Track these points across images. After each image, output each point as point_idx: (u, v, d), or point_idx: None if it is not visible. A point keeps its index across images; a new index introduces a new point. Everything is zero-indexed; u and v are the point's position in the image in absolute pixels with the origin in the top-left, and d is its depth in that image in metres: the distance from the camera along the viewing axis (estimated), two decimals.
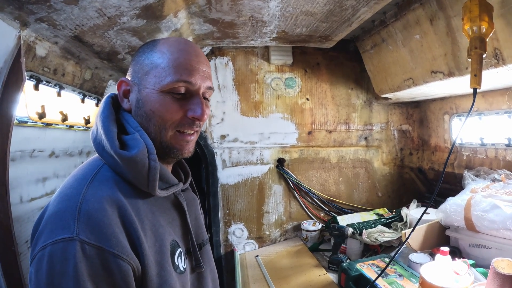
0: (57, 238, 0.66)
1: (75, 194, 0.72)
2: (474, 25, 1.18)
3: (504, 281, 1.06)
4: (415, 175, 2.87)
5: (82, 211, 0.68)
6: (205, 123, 2.66)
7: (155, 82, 0.81)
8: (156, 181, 0.78)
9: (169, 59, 0.82)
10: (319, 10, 1.78)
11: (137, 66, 0.86)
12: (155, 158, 0.78)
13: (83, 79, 1.69)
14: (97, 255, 0.66)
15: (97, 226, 0.68)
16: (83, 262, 0.65)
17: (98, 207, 0.70)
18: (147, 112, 0.82)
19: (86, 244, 0.66)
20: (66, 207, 0.70)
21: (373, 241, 2.13)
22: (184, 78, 0.81)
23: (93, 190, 0.73)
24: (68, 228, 0.67)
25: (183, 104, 0.83)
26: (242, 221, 2.77)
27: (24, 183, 1.45)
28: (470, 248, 1.72)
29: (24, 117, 1.35)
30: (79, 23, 1.28)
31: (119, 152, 0.76)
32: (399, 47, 2.00)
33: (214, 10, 1.74)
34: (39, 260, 0.66)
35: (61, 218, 0.69)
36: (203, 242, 0.97)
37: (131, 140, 0.79)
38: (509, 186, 1.69)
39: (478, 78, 1.18)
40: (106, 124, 0.81)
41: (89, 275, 0.65)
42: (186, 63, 0.82)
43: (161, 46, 0.84)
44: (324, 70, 2.76)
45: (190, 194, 1.00)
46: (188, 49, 0.84)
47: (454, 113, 2.35)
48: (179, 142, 0.84)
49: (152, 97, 0.82)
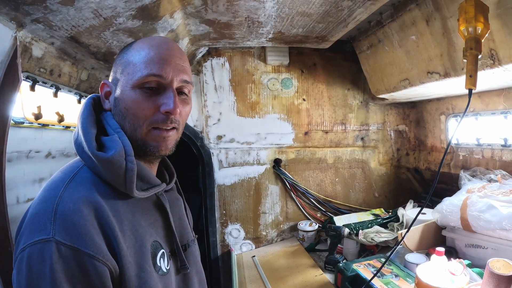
0: (34, 239, 0.67)
1: (52, 196, 0.72)
2: (469, 26, 1.19)
3: (500, 282, 1.07)
4: (412, 176, 2.88)
5: (58, 212, 0.69)
6: (202, 124, 2.67)
7: (127, 79, 0.82)
8: (133, 182, 0.78)
9: (140, 55, 0.82)
10: (315, 11, 1.78)
11: (115, 67, 0.87)
12: (132, 160, 0.78)
13: (80, 79, 1.69)
14: (72, 255, 0.66)
15: (73, 227, 0.68)
16: (59, 263, 0.65)
17: (74, 208, 0.70)
18: (122, 110, 0.83)
19: (62, 245, 0.66)
20: (43, 209, 0.70)
21: (369, 241, 2.14)
22: (154, 72, 0.80)
23: (69, 191, 0.73)
24: (44, 229, 0.67)
25: (155, 99, 0.81)
26: (239, 221, 2.77)
27: (21, 184, 1.44)
28: (466, 248, 1.72)
29: (20, 118, 1.35)
30: (75, 24, 1.28)
31: (96, 153, 0.77)
32: (395, 47, 2.01)
33: (210, 10, 1.74)
34: (19, 262, 0.67)
35: (38, 220, 0.69)
36: (188, 243, 0.96)
37: (109, 141, 0.79)
38: (505, 187, 1.70)
39: (473, 79, 1.18)
40: (85, 125, 0.81)
41: (66, 275, 0.65)
42: (157, 57, 0.81)
43: (135, 45, 0.85)
44: (320, 70, 2.77)
45: (174, 194, 1.00)
46: (161, 44, 0.84)
47: (451, 114, 2.36)
48: (155, 139, 0.83)
49: (125, 95, 0.82)
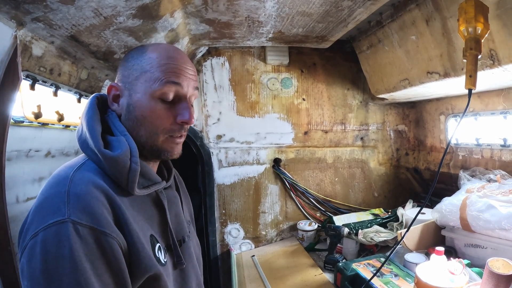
0: (48, 222, 0.67)
1: (62, 180, 0.74)
2: (469, 26, 1.19)
3: (499, 281, 1.07)
4: (411, 175, 2.89)
5: (71, 193, 0.70)
6: (201, 123, 2.67)
7: (145, 87, 0.85)
8: (135, 182, 0.81)
9: (159, 64, 0.85)
10: (315, 11, 1.78)
11: (127, 71, 0.88)
12: (137, 161, 0.81)
13: (79, 78, 1.68)
14: (90, 234, 0.68)
15: (88, 206, 0.70)
16: (78, 243, 0.66)
17: (86, 189, 0.72)
18: (138, 117, 0.86)
19: (78, 224, 0.67)
20: (54, 193, 0.72)
21: (369, 241, 2.14)
22: (174, 80, 0.85)
23: (79, 175, 0.75)
24: (59, 211, 0.68)
25: (171, 109, 0.87)
26: (238, 221, 2.77)
27: (20, 183, 1.44)
28: (466, 248, 1.73)
29: (20, 117, 1.34)
30: (75, 23, 1.28)
31: (103, 151, 0.79)
32: (395, 47, 2.01)
33: (211, 10, 1.74)
34: (31, 248, 0.67)
35: (50, 204, 0.70)
36: (183, 238, 0.99)
37: (116, 141, 0.82)
38: (504, 186, 1.70)
39: (473, 79, 1.18)
40: (90, 124, 0.83)
41: (85, 254, 0.66)
42: (175, 67, 0.86)
43: (150, 52, 0.88)
44: (320, 70, 2.77)
45: (172, 192, 1.02)
46: (176, 55, 0.88)
47: (450, 114, 2.36)
48: (169, 145, 0.89)
49: (143, 103, 0.85)
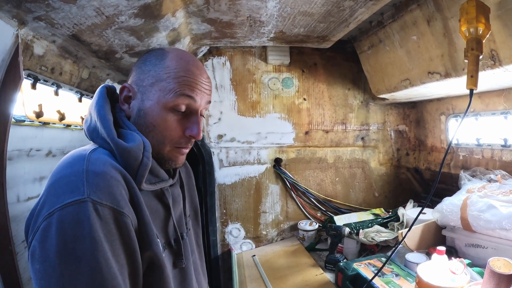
0: (65, 202, 0.64)
1: (78, 160, 0.72)
2: (471, 26, 1.19)
3: (500, 281, 1.07)
4: (412, 175, 2.89)
5: (89, 172, 0.69)
6: (202, 123, 2.66)
7: (159, 96, 0.84)
8: (143, 176, 0.80)
9: (175, 75, 0.84)
10: (317, 11, 1.78)
11: (142, 75, 0.87)
12: (149, 156, 0.81)
13: (81, 78, 1.69)
14: (110, 215, 0.67)
15: (107, 186, 0.69)
16: (98, 223, 0.64)
17: (105, 169, 0.71)
18: (148, 124, 0.85)
19: (99, 204, 0.66)
20: (71, 172, 0.70)
21: (369, 241, 2.14)
22: (188, 94, 0.85)
23: (96, 155, 0.74)
24: (77, 190, 0.66)
25: (182, 122, 0.87)
26: (239, 220, 2.77)
27: (21, 182, 1.44)
28: (466, 248, 1.73)
29: (21, 116, 1.35)
30: (77, 22, 1.28)
31: (116, 141, 0.78)
32: (396, 47, 2.01)
33: (212, 10, 1.74)
34: (45, 229, 0.64)
35: (67, 183, 0.68)
36: (182, 235, 0.98)
37: (129, 134, 0.82)
38: (505, 187, 1.70)
39: (474, 79, 1.18)
40: (102, 113, 0.82)
41: (105, 235, 0.65)
42: (191, 81, 0.85)
43: (168, 61, 0.86)
44: (321, 70, 2.77)
45: (177, 189, 1.01)
46: (194, 69, 0.87)
47: (451, 114, 2.36)
48: (174, 155, 0.90)
49: (155, 111, 0.85)
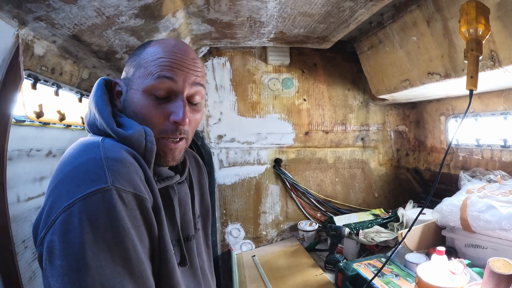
0: (88, 191, 0.62)
1: (92, 147, 0.69)
2: (470, 27, 1.19)
3: (500, 281, 1.07)
4: (412, 176, 2.89)
5: (109, 159, 0.66)
6: (203, 123, 2.67)
7: (139, 82, 0.81)
8: (151, 163, 0.77)
9: (152, 58, 0.81)
10: (317, 11, 1.79)
11: (127, 67, 0.86)
12: (152, 140, 0.77)
13: (81, 78, 1.69)
14: (134, 202, 0.66)
15: (128, 173, 0.67)
16: (124, 211, 0.63)
17: (122, 156, 0.68)
18: (131, 113, 0.82)
19: (123, 192, 0.64)
20: (88, 159, 0.67)
21: (369, 241, 2.14)
22: (165, 74, 0.79)
23: (109, 141, 0.72)
24: (99, 178, 0.63)
25: (165, 107, 0.81)
26: (239, 221, 2.78)
27: (21, 183, 1.44)
28: (466, 248, 1.73)
29: (21, 116, 1.35)
30: (77, 22, 1.28)
31: (116, 130, 0.75)
32: (396, 48, 2.01)
33: (213, 10, 1.75)
34: (65, 221, 0.60)
35: (86, 171, 0.65)
36: (188, 237, 0.95)
37: (128, 122, 0.78)
38: (504, 187, 1.70)
39: (474, 79, 1.19)
40: (100, 104, 0.81)
41: (131, 221, 0.64)
42: (170, 61, 0.80)
43: (149, 47, 0.84)
44: (321, 71, 2.77)
45: (184, 188, 0.96)
46: (174, 49, 0.82)
47: (450, 114, 2.37)
48: (161, 149, 0.82)
49: (136, 98, 0.81)
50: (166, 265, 0.74)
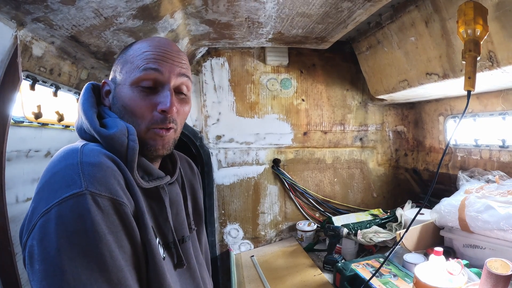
0: (63, 196, 0.62)
1: (70, 153, 0.70)
2: (468, 28, 1.20)
3: (498, 281, 1.07)
4: (410, 176, 2.89)
5: (84, 164, 0.67)
6: (201, 124, 2.67)
7: (126, 77, 0.83)
8: (134, 162, 0.77)
9: (137, 53, 0.83)
10: (315, 12, 1.79)
11: (115, 66, 0.89)
12: (135, 139, 0.78)
13: (79, 79, 1.69)
14: (110, 206, 0.65)
15: (104, 177, 0.67)
16: (99, 215, 0.63)
17: (99, 160, 0.69)
18: (120, 108, 0.84)
19: (98, 196, 0.64)
20: (65, 165, 0.68)
21: (368, 241, 2.14)
22: (151, 66, 0.81)
23: (88, 148, 0.73)
24: (74, 183, 0.64)
25: (152, 98, 0.82)
26: (238, 221, 2.78)
27: (20, 183, 1.44)
28: (464, 249, 1.73)
29: (20, 117, 1.35)
30: (75, 23, 1.28)
31: (99, 129, 0.77)
32: (395, 49, 2.01)
33: (211, 11, 1.75)
34: (43, 226, 0.61)
35: (62, 176, 0.66)
36: (183, 238, 0.94)
37: (111, 121, 0.80)
38: (503, 187, 1.71)
39: (472, 80, 1.19)
40: (85, 106, 0.82)
41: (108, 227, 0.64)
42: (154, 54, 0.82)
43: (135, 44, 0.87)
44: (319, 71, 2.77)
45: (175, 188, 0.96)
46: (158, 43, 0.85)
47: (449, 115, 2.37)
48: (152, 137, 0.83)
49: (123, 92, 0.83)
50: (155, 270, 0.74)
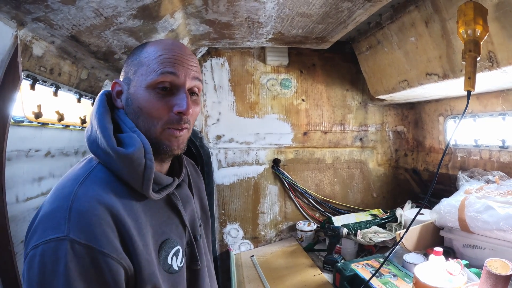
0: (48, 237, 0.67)
1: (66, 194, 0.72)
2: (468, 28, 1.20)
3: (497, 281, 1.08)
4: (410, 176, 2.89)
5: (73, 210, 0.69)
6: (201, 124, 2.67)
7: (142, 79, 0.84)
8: (150, 180, 0.79)
9: (153, 56, 0.84)
10: (315, 12, 1.79)
11: (128, 67, 0.89)
12: (151, 158, 0.80)
13: (79, 78, 1.69)
14: (87, 254, 0.67)
15: (88, 225, 0.68)
16: (73, 261, 0.65)
17: (89, 207, 0.70)
18: (135, 109, 0.85)
19: (76, 243, 0.66)
20: (57, 207, 0.71)
21: (367, 242, 2.14)
22: (168, 70, 0.82)
23: (84, 189, 0.74)
24: (59, 228, 0.67)
25: (169, 100, 0.84)
26: (238, 221, 2.78)
27: (20, 183, 1.44)
28: (464, 249, 1.73)
29: (20, 117, 1.35)
30: (76, 23, 1.28)
31: (116, 149, 0.77)
32: (395, 49, 2.01)
33: (211, 11, 1.75)
34: (31, 258, 0.67)
35: (53, 218, 0.69)
36: (195, 237, 0.97)
37: (128, 138, 0.80)
38: (502, 188, 1.71)
39: (472, 80, 1.19)
40: (102, 122, 0.82)
41: (80, 274, 0.66)
42: (170, 57, 0.84)
43: (148, 47, 0.87)
44: (319, 71, 2.77)
45: (185, 190, 0.99)
46: (172, 46, 0.87)
47: (449, 115, 2.37)
48: (168, 138, 0.85)
49: (139, 94, 0.84)
50: None
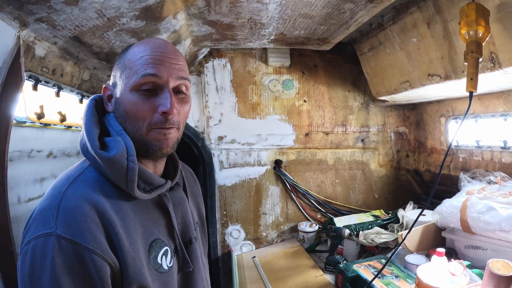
0: (38, 233, 0.71)
1: (56, 193, 0.76)
2: (470, 29, 1.20)
3: (499, 282, 1.07)
4: (412, 177, 2.89)
5: (60, 208, 0.73)
6: (203, 125, 2.67)
7: (126, 82, 0.84)
8: (134, 182, 0.80)
9: (135, 58, 0.84)
10: (317, 13, 1.79)
11: (115, 71, 0.89)
12: (134, 160, 0.80)
13: (82, 79, 1.69)
14: (72, 249, 0.69)
15: (74, 222, 0.71)
16: (59, 256, 0.68)
17: (76, 205, 0.73)
18: (122, 113, 0.85)
19: (62, 238, 0.69)
20: (48, 205, 0.74)
21: (369, 242, 2.14)
22: (149, 72, 0.82)
23: (73, 189, 0.77)
24: (48, 224, 0.71)
25: (153, 100, 0.83)
26: (239, 222, 2.78)
27: (22, 183, 1.45)
28: (466, 250, 1.73)
29: (22, 117, 1.35)
30: (78, 23, 1.28)
31: (99, 152, 0.79)
32: (396, 50, 2.01)
33: (213, 12, 1.75)
34: (24, 253, 0.71)
35: (43, 216, 0.73)
36: (190, 240, 0.97)
37: (112, 141, 0.82)
38: (504, 188, 1.70)
39: (474, 81, 1.19)
40: (88, 126, 0.84)
41: (65, 267, 0.69)
42: (151, 58, 0.83)
43: (131, 49, 0.87)
44: (321, 72, 2.77)
45: (178, 192, 0.98)
46: (154, 46, 0.85)
47: (451, 116, 2.37)
48: (156, 138, 0.84)
49: (125, 98, 0.84)
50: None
